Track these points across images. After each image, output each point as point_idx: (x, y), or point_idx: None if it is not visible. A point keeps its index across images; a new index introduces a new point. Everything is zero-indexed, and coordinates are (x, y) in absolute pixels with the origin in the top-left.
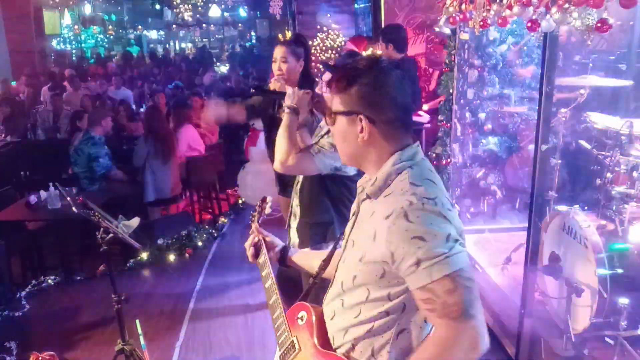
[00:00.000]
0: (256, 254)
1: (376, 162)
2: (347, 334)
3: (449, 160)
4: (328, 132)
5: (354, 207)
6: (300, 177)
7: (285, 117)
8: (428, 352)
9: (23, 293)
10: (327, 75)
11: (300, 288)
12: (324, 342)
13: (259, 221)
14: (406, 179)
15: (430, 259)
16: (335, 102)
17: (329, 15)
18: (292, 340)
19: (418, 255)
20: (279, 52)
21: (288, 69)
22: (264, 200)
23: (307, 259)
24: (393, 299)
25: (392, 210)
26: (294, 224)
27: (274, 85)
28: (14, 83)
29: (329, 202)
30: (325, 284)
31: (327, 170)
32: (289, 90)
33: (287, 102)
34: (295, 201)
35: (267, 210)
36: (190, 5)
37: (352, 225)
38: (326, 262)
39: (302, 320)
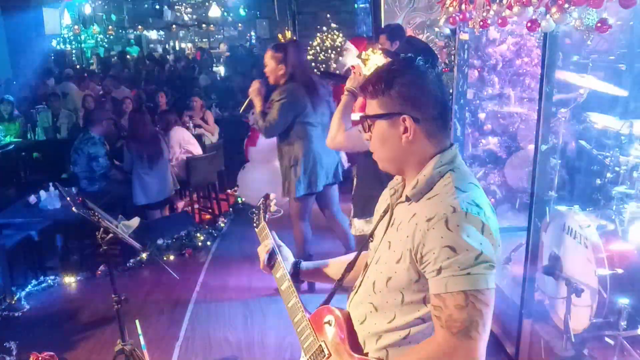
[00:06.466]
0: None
1: (417, 165)
2: (381, 340)
3: None
4: None
5: (381, 206)
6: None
7: (343, 98)
8: (418, 354)
9: (23, 293)
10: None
11: None
12: (355, 346)
13: (266, 220)
14: (450, 183)
15: (453, 271)
16: (372, 107)
17: (328, 15)
18: (320, 345)
19: (443, 264)
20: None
21: (268, 70)
22: (267, 197)
23: (320, 274)
24: (428, 303)
25: (435, 213)
26: None
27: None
28: None
29: (377, 179)
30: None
31: None
32: (352, 75)
33: (348, 84)
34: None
35: (273, 208)
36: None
37: (387, 227)
38: (351, 264)
39: (329, 324)
